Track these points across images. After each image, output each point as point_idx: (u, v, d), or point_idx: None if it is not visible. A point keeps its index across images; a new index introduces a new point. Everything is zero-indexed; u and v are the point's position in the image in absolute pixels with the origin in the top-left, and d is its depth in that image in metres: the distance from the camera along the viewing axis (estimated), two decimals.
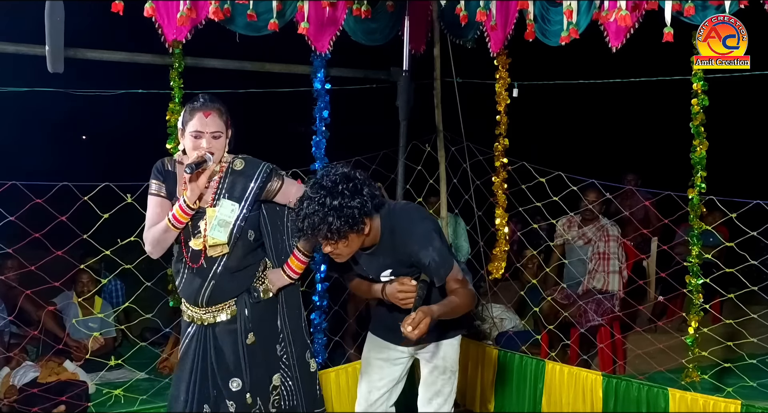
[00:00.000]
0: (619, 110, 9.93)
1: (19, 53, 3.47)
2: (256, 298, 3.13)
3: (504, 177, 4.79)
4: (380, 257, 2.97)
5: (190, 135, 2.96)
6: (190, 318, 3.15)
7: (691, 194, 3.84)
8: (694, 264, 3.87)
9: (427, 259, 2.86)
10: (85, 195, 3.64)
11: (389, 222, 2.91)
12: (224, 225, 2.99)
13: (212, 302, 3.08)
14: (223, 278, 3.05)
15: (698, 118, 3.78)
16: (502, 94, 4.69)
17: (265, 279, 3.17)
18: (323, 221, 2.67)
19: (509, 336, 5.31)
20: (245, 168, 3.07)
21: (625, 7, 3.43)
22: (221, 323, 3.10)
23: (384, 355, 3.31)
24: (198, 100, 3.00)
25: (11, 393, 4.37)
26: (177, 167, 3.08)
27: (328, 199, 2.68)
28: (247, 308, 3.11)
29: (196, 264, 3.03)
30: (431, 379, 3.30)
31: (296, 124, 8.18)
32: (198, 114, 2.95)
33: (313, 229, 2.70)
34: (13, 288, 4.59)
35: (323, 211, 2.67)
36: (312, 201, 2.71)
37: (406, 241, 2.89)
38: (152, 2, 3.37)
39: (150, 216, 3.06)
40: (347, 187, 2.71)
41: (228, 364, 3.09)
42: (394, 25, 4.39)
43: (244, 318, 3.11)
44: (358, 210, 2.70)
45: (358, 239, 2.81)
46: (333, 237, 2.72)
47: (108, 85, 3.89)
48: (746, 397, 3.94)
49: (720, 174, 4.68)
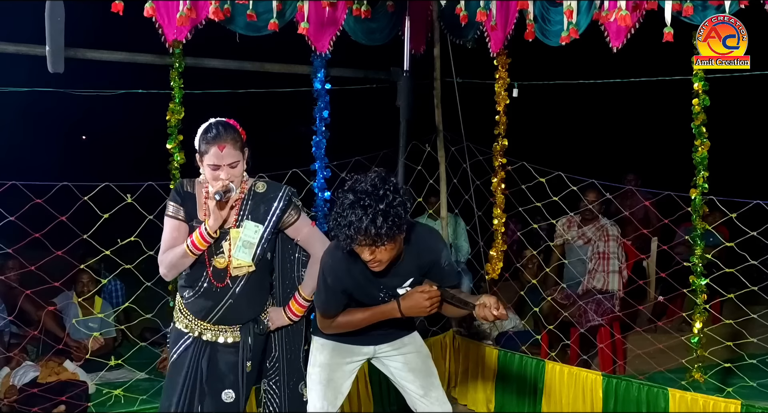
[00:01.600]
0: (619, 110, 9.93)
1: (19, 53, 3.47)
2: (262, 330, 3.15)
3: (502, 177, 4.79)
4: (405, 266, 2.91)
5: (208, 166, 2.93)
6: (188, 328, 3.11)
7: (693, 194, 3.84)
8: (697, 264, 3.86)
9: (445, 260, 2.93)
10: (85, 195, 3.64)
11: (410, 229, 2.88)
12: (248, 246, 3.01)
13: (222, 322, 3.08)
14: (240, 299, 3.05)
15: (699, 118, 3.78)
16: (502, 94, 4.69)
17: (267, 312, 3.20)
18: (372, 224, 2.59)
19: (509, 336, 5.31)
20: (267, 191, 3.08)
21: (625, 7, 3.43)
22: (221, 344, 3.10)
23: (347, 358, 3.19)
24: (211, 131, 2.93)
25: (11, 393, 4.37)
26: (196, 188, 3.05)
27: (373, 202, 2.62)
28: (251, 337, 3.12)
29: (221, 283, 3.03)
30: (421, 365, 3.20)
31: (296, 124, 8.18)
32: (213, 148, 2.91)
33: (364, 234, 2.61)
34: (13, 288, 4.59)
35: (372, 214, 2.59)
36: (355, 206, 2.63)
37: (429, 241, 2.93)
38: (152, 2, 3.37)
39: (166, 239, 3.03)
40: (388, 189, 2.67)
41: (224, 379, 3.09)
42: (394, 25, 4.39)
43: (246, 347, 3.11)
44: (403, 210, 2.66)
45: (400, 243, 2.77)
46: (382, 240, 2.64)
47: (108, 85, 3.89)
48: (746, 397, 3.94)
49: (720, 174, 4.68)
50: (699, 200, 3.83)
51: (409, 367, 3.19)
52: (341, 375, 3.19)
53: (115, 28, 4.46)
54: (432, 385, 3.18)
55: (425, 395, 3.16)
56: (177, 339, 3.14)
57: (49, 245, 3.69)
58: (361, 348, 3.18)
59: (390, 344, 3.19)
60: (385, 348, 3.20)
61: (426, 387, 3.17)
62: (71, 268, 4.36)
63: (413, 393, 3.19)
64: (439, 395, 3.18)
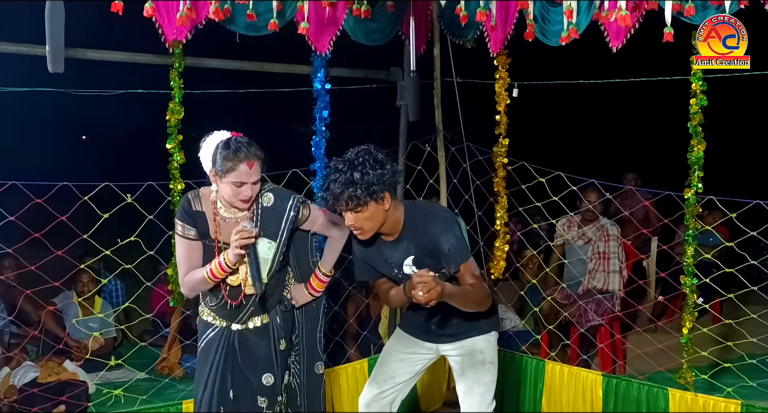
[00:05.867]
0: (619, 110, 9.94)
1: (19, 53, 3.46)
2: (288, 308, 3.23)
3: (502, 175, 4.79)
4: (403, 244, 3.07)
5: (233, 183, 2.91)
6: (214, 319, 3.18)
7: (687, 194, 3.83)
8: (689, 264, 3.86)
9: (446, 245, 2.96)
10: (85, 195, 3.64)
11: (413, 211, 3.06)
12: (263, 263, 3.03)
13: (248, 319, 3.16)
14: (260, 302, 3.13)
15: (697, 118, 3.77)
16: (502, 94, 4.69)
17: (290, 289, 3.27)
18: (345, 189, 2.83)
19: (509, 336, 5.31)
20: (275, 203, 3.10)
21: (625, 7, 3.43)
22: (251, 329, 3.16)
23: (409, 349, 3.39)
24: (240, 149, 2.91)
25: (11, 393, 4.37)
26: (204, 205, 3.05)
27: (350, 169, 2.85)
28: (279, 316, 3.20)
29: (236, 301, 3.07)
30: (469, 371, 3.30)
31: (296, 124, 8.17)
32: (242, 165, 2.90)
33: (335, 197, 2.86)
34: (12, 288, 4.59)
35: (345, 180, 2.83)
36: (335, 172, 2.87)
37: (428, 225, 3.00)
38: (152, 2, 3.37)
39: (183, 262, 3.07)
40: (368, 159, 2.88)
41: (259, 362, 3.15)
42: (394, 25, 4.39)
43: (276, 327, 3.19)
44: (377, 179, 2.86)
45: (377, 212, 2.92)
46: (352, 204, 2.85)
47: (108, 85, 3.89)
48: (746, 397, 3.95)
49: (720, 174, 4.68)
50: (693, 199, 3.82)
51: (461, 369, 3.34)
52: (397, 361, 3.38)
53: (115, 28, 4.46)
54: (471, 391, 3.30)
55: (464, 399, 3.32)
56: (204, 329, 3.21)
57: (49, 245, 3.69)
58: (423, 343, 3.37)
59: (452, 345, 3.33)
60: (447, 348, 3.35)
61: (466, 391, 3.32)
62: (71, 268, 4.36)
63: (459, 394, 3.37)
64: (473, 402, 3.29)
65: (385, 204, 2.93)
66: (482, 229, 4.97)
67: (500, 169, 4.78)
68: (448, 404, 4.89)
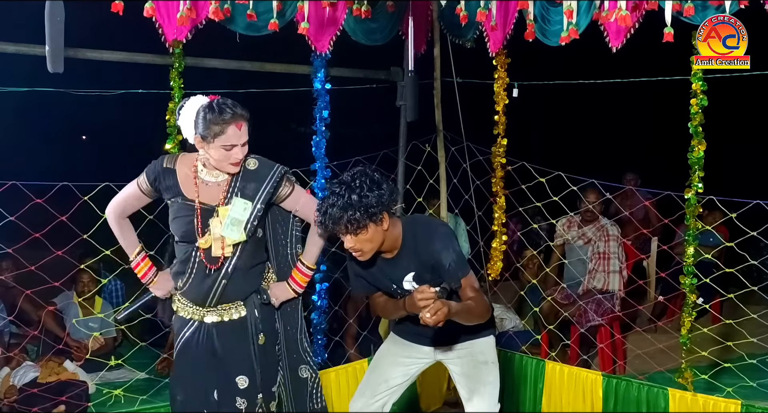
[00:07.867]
0: (619, 110, 9.93)
1: (19, 53, 3.46)
2: (266, 300, 3.14)
3: (501, 175, 4.79)
4: (403, 261, 3.05)
5: (222, 147, 2.87)
6: (189, 315, 3.12)
7: (688, 194, 3.84)
8: (688, 264, 3.86)
9: (447, 260, 2.96)
10: (85, 195, 3.64)
11: (412, 227, 3.04)
12: (236, 223, 2.97)
13: (222, 301, 3.06)
14: (235, 277, 3.04)
15: (697, 119, 3.77)
16: (501, 94, 4.69)
17: (270, 284, 3.17)
18: (344, 212, 2.81)
19: (509, 336, 5.31)
20: (258, 168, 3.04)
21: (625, 7, 3.43)
22: (227, 322, 3.08)
23: (405, 353, 3.36)
24: (225, 111, 2.86)
25: (11, 393, 4.37)
26: (178, 164, 3.03)
27: (347, 192, 2.83)
28: (257, 308, 3.11)
29: (215, 265, 3.00)
30: (472, 371, 3.29)
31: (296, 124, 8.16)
32: (230, 127, 2.85)
33: (334, 221, 2.83)
34: (12, 288, 4.59)
35: (343, 204, 2.81)
36: (332, 195, 2.86)
37: (428, 241, 2.99)
38: (152, 2, 3.37)
39: (122, 197, 3.11)
40: (365, 181, 2.86)
41: (235, 362, 3.07)
42: (394, 25, 4.39)
43: (254, 320, 3.10)
44: (375, 200, 2.83)
45: (377, 233, 2.90)
46: (352, 227, 2.83)
47: (108, 85, 3.89)
48: (746, 397, 3.95)
49: (720, 174, 4.68)
50: (694, 200, 3.82)
51: (462, 371, 3.31)
52: (392, 364, 3.37)
53: (115, 28, 4.46)
54: (476, 391, 3.27)
55: (469, 399, 3.30)
56: (181, 327, 3.13)
57: (49, 245, 3.69)
58: (420, 347, 3.34)
59: (449, 347, 3.30)
60: (445, 352, 3.32)
61: (471, 391, 3.29)
62: (71, 268, 4.36)
63: (462, 396, 3.34)
64: (480, 402, 3.27)
65: (383, 224, 2.90)
66: (482, 229, 4.97)
67: (498, 169, 4.78)
68: (448, 404, 4.89)
